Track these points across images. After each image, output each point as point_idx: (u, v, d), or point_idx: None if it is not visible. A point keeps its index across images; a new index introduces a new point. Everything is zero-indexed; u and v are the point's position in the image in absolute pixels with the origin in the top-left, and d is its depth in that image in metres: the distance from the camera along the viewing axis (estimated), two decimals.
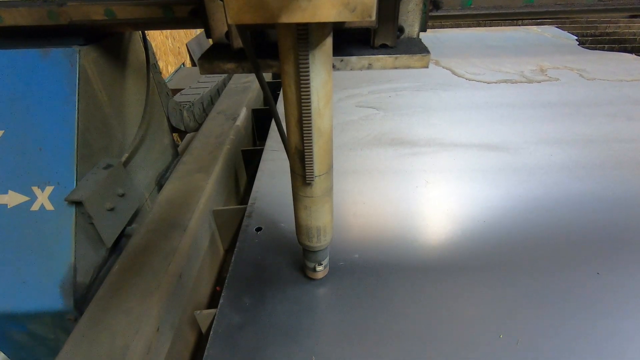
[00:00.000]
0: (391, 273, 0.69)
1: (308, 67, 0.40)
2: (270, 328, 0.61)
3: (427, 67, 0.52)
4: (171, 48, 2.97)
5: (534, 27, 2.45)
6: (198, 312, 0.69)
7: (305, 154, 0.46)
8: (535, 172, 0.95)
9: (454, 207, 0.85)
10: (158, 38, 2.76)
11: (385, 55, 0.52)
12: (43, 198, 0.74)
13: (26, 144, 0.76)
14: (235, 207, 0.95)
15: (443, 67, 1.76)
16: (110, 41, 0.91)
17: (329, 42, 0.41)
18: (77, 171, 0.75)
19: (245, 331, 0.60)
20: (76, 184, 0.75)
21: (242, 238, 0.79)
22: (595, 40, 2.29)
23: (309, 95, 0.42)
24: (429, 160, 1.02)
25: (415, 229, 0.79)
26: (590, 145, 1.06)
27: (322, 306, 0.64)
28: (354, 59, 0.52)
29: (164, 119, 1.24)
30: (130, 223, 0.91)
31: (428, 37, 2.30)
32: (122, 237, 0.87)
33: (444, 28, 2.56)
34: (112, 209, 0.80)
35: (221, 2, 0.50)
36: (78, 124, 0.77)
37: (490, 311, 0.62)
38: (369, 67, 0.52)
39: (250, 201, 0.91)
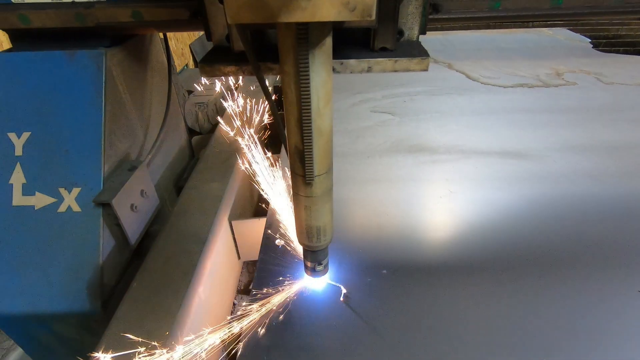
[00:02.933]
0: (422, 290, 0.67)
1: (308, 67, 0.40)
2: (299, 350, 0.59)
3: (426, 70, 0.52)
4: (174, 49, 2.97)
5: (546, 30, 2.43)
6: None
7: (305, 154, 0.46)
8: (561, 181, 0.94)
9: (481, 219, 0.83)
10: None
11: (385, 59, 0.52)
12: (70, 200, 0.75)
13: (53, 146, 0.76)
14: (253, 219, 0.93)
15: (456, 71, 1.74)
16: (133, 42, 0.91)
17: (328, 41, 0.41)
18: (103, 173, 0.76)
19: (273, 354, 0.59)
20: (103, 186, 0.75)
21: (263, 252, 0.77)
22: (609, 43, 2.26)
23: (308, 95, 0.42)
24: (450, 168, 1.01)
25: (444, 243, 0.77)
26: (615, 152, 1.04)
27: (350, 327, 0.62)
28: (353, 62, 0.52)
29: (181, 120, 1.24)
30: (152, 224, 0.91)
31: (438, 40, 2.29)
32: (145, 238, 0.88)
33: (453, 30, 2.54)
34: (136, 210, 0.81)
35: (222, 5, 0.50)
36: (105, 126, 0.77)
37: (525, 326, 0.61)
38: (369, 70, 0.53)
39: (269, 212, 0.89)
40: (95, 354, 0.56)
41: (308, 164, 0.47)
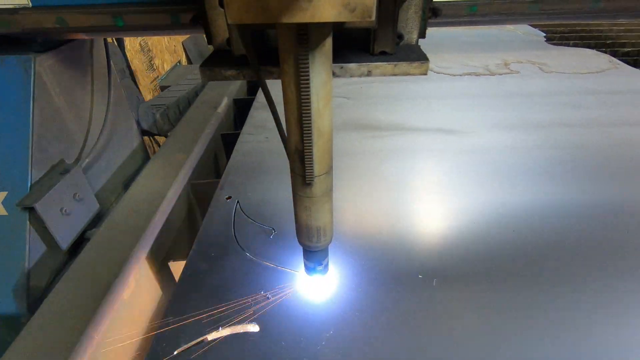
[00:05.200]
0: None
1: (308, 68, 0.40)
2: (232, 272, 0.70)
3: (426, 74, 0.53)
4: (167, 46, 2.98)
5: (508, 25, 2.51)
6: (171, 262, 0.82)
7: (305, 154, 0.46)
8: (489, 152, 1.06)
9: (411, 184, 0.94)
10: (154, 36, 2.75)
11: (385, 63, 0.52)
12: None
13: None
14: (211, 180, 1.06)
15: None
16: (69, 47, 0.92)
17: (328, 42, 0.41)
18: (31, 177, 0.76)
19: (210, 275, 0.69)
20: (30, 189, 0.75)
21: (213, 204, 0.89)
22: (562, 36, 2.36)
23: (308, 95, 0.42)
24: (388, 141, 1.13)
25: (373, 204, 0.87)
26: (540, 130, 1.15)
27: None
28: (353, 66, 0.52)
29: (132, 123, 1.25)
30: (92, 227, 0.91)
31: None
32: (83, 241, 0.88)
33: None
34: (68, 214, 0.81)
35: (222, 9, 0.50)
36: (32, 130, 0.78)
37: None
38: (369, 74, 0.53)
39: (224, 175, 0.99)
40: None
41: (308, 164, 0.47)
